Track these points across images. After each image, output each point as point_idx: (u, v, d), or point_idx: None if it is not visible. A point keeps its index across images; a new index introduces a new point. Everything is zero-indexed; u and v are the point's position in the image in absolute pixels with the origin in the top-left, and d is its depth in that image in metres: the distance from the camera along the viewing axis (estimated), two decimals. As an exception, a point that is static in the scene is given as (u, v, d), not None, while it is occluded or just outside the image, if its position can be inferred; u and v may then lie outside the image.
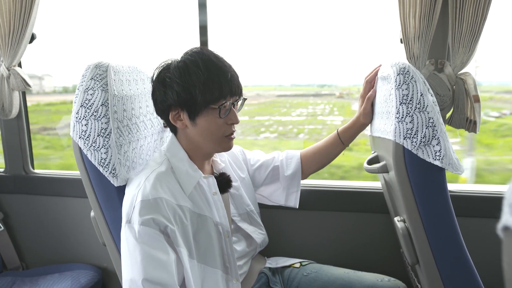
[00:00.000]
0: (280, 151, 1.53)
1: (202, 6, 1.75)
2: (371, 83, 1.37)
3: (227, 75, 1.12)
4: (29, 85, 1.79)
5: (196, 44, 1.76)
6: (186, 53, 1.15)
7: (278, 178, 1.50)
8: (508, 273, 0.38)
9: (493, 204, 1.54)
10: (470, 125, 1.41)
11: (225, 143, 1.19)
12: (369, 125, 1.41)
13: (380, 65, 1.32)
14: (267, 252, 1.49)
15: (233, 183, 1.30)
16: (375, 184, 1.68)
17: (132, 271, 0.99)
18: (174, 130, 1.22)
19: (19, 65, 1.86)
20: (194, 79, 1.09)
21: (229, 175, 1.28)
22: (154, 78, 1.18)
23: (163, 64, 1.17)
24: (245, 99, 1.22)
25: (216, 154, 1.34)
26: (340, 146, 1.43)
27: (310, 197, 1.66)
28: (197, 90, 1.09)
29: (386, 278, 1.36)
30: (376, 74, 1.34)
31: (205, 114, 1.13)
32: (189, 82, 1.10)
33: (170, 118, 1.16)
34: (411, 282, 1.42)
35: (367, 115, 1.36)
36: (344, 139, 1.41)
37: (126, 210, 1.06)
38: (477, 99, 1.38)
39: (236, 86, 1.15)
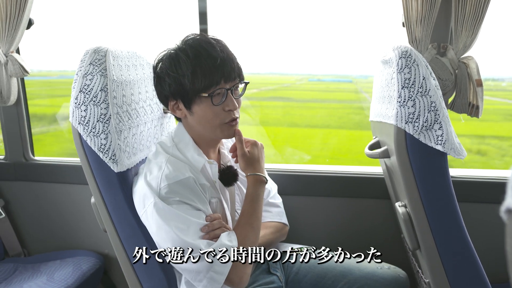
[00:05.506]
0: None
1: None
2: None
3: (216, 60, 1.08)
4: (27, 72, 1.77)
5: (196, 30, 1.74)
6: (181, 41, 1.14)
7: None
8: (511, 256, 0.38)
9: (495, 189, 1.53)
10: (473, 109, 1.40)
11: (226, 130, 1.17)
12: (370, 110, 1.39)
13: None
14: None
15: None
16: (376, 169, 1.67)
17: (181, 234, 1.04)
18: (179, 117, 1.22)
19: (17, 51, 1.84)
20: (184, 69, 1.08)
21: (236, 169, 1.27)
22: (154, 69, 1.18)
23: (160, 54, 1.16)
24: (246, 83, 1.18)
25: (224, 149, 1.32)
26: None
27: (310, 183, 1.66)
28: (186, 79, 1.08)
29: (386, 265, 1.36)
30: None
31: (198, 103, 1.11)
32: (179, 72, 1.09)
33: (169, 108, 1.18)
34: (411, 267, 1.42)
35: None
36: None
37: (151, 193, 1.08)
38: (479, 83, 1.37)
39: (230, 71, 1.11)
